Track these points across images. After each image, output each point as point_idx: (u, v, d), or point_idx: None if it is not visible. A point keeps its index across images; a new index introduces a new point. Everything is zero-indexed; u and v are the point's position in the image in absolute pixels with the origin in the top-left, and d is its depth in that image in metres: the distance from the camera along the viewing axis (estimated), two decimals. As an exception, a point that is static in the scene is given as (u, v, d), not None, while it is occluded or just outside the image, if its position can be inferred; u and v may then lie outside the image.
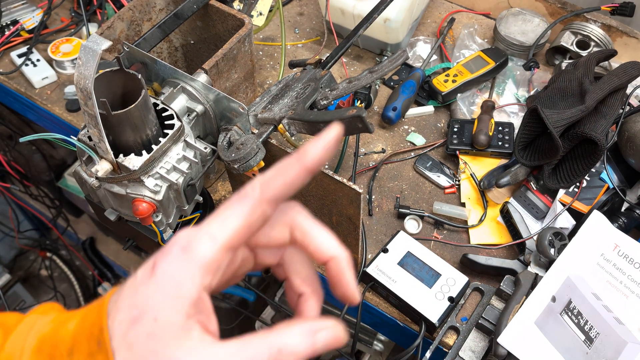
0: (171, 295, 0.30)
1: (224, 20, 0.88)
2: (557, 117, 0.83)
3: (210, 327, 0.32)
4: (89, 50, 0.56)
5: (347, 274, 0.35)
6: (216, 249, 0.31)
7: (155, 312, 0.30)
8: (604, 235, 0.80)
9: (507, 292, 0.77)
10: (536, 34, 1.09)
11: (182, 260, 0.31)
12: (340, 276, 0.35)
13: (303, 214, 0.36)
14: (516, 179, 0.89)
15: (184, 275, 0.30)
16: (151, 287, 0.31)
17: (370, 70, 0.81)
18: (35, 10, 1.21)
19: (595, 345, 0.70)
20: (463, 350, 0.76)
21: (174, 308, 0.30)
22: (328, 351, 0.35)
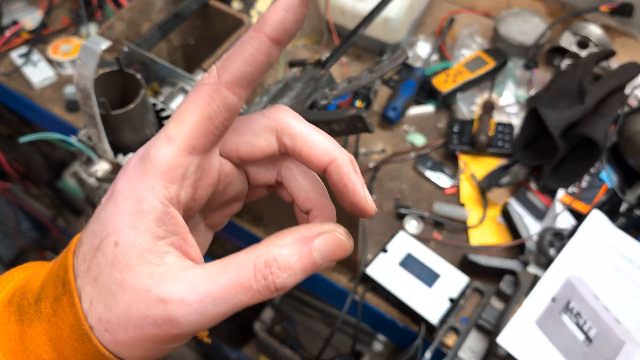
0: (130, 212, 0.26)
1: (223, 19, 0.88)
2: (557, 117, 0.83)
3: (189, 250, 0.27)
4: (88, 51, 0.56)
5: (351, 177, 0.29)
6: (175, 151, 0.26)
7: (115, 235, 0.26)
8: (603, 235, 0.80)
9: (507, 293, 0.77)
10: (536, 34, 1.09)
11: (140, 171, 0.26)
12: (345, 181, 0.29)
13: (291, 116, 0.29)
14: (516, 179, 0.89)
15: (143, 187, 0.26)
16: (110, 208, 0.26)
17: (370, 70, 0.81)
18: (36, 11, 1.21)
19: (594, 345, 0.70)
20: (463, 350, 0.76)
21: (136, 227, 0.26)
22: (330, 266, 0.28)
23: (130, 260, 0.26)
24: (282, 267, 0.25)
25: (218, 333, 1.73)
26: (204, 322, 0.26)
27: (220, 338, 1.77)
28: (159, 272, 0.26)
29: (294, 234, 0.26)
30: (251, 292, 0.26)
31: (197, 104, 0.26)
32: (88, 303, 0.26)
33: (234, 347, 1.77)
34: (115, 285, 0.26)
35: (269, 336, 1.53)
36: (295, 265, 0.26)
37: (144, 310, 0.25)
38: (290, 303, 1.45)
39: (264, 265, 0.25)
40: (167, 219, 0.26)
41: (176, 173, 0.26)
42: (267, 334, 1.53)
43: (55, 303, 0.27)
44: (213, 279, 0.25)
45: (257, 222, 0.94)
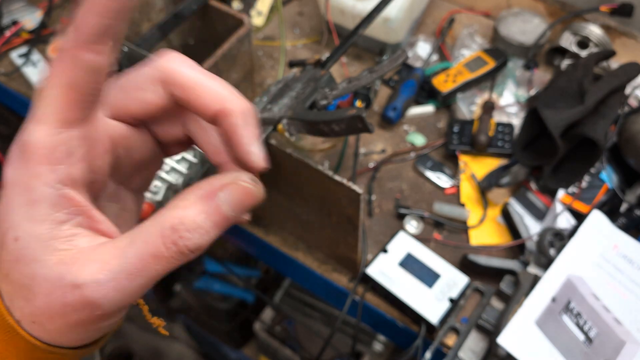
0: (23, 204, 0.24)
1: (223, 20, 0.88)
2: (557, 117, 0.83)
3: (99, 227, 0.26)
4: (88, 51, 0.56)
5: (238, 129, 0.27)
6: (47, 131, 0.24)
7: (13, 231, 0.24)
8: (603, 235, 0.80)
9: (507, 293, 0.77)
10: (536, 34, 1.09)
11: (21, 160, 0.25)
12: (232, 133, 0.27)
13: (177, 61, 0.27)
14: (516, 179, 0.89)
15: (29, 176, 0.24)
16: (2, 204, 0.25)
17: (370, 70, 0.81)
18: (36, 11, 1.21)
19: (594, 345, 0.70)
20: (463, 350, 0.76)
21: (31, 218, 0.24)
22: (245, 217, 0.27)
23: (35, 252, 0.24)
24: (191, 228, 0.24)
25: (218, 333, 1.73)
26: (125, 298, 0.25)
27: (220, 338, 1.77)
28: (69, 257, 0.24)
29: (196, 191, 0.25)
30: (165, 261, 0.24)
31: (57, 75, 0.24)
32: (9, 300, 0.25)
33: (234, 347, 1.77)
34: (27, 279, 0.25)
35: (269, 336, 1.53)
36: (205, 224, 0.25)
37: (61, 298, 0.24)
38: (290, 303, 1.45)
39: (171, 231, 0.24)
40: (64, 202, 0.25)
41: (58, 153, 0.25)
42: (267, 334, 1.53)
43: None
44: (123, 254, 0.24)
45: (257, 222, 0.94)
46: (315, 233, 0.84)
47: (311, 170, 0.70)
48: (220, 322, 1.66)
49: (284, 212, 0.86)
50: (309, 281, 0.93)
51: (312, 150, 1.00)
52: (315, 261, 0.89)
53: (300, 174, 0.73)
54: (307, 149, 1.00)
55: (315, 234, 0.85)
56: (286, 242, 0.92)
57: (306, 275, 0.91)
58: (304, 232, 0.87)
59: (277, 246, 0.91)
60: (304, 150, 1.00)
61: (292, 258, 0.90)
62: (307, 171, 0.71)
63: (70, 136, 0.25)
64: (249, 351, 1.78)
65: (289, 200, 0.81)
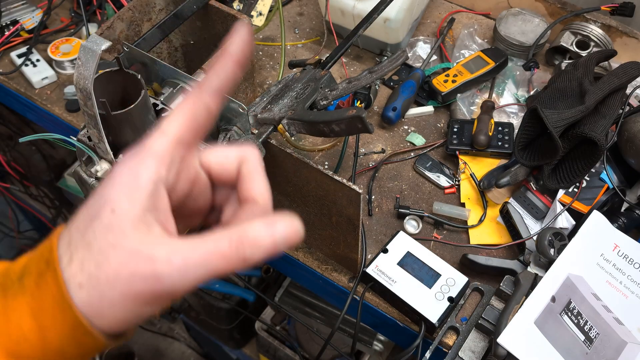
0: (128, 185, 0.31)
1: (224, 20, 0.88)
2: (557, 117, 0.83)
3: (169, 227, 0.32)
4: (88, 51, 0.56)
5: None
6: (168, 140, 0.33)
7: (112, 204, 0.30)
8: (603, 236, 0.80)
9: (507, 292, 0.77)
10: (536, 34, 1.09)
11: (138, 155, 0.32)
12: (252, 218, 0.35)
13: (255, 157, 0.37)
14: (516, 179, 0.89)
15: (140, 166, 0.31)
16: (109, 184, 0.31)
17: (370, 71, 0.81)
18: (35, 11, 1.21)
19: (595, 345, 0.70)
20: (463, 350, 0.76)
21: (131, 198, 0.30)
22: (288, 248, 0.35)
23: (124, 225, 0.30)
24: (251, 243, 0.31)
25: (218, 333, 1.73)
26: (183, 283, 0.30)
27: (220, 338, 1.77)
28: (147, 239, 0.30)
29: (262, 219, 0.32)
30: (226, 260, 0.30)
31: (184, 107, 0.34)
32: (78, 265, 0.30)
33: (234, 346, 1.77)
34: (109, 247, 0.30)
35: (269, 336, 1.53)
36: (261, 243, 0.31)
37: (133, 267, 0.29)
38: (290, 303, 1.45)
39: (237, 239, 0.31)
40: (156, 196, 0.31)
41: (166, 158, 0.32)
42: (267, 334, 1.53)
43: (39, 278, 0.31)
44: (194, 248, 0.30)
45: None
46: (316, 233, 0.84)
47: (311, 170, 0.70)
48: (220, 322, 1.66)
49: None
50: (309, 281, 0.93)
51: (312, 150, 1.00)
52: (316, 261, 0.89)
53: (300, 174, 0.73)
54: (307, 149, 1.00)
55: (315, 234, 0.85)
56: (286, 242, 0.91)
57: (306, 275, 0.91)
58: (304, 232, 0.87)
59: (277, 246, 0.91)
60: (304, 150, 1.00)
61: (292, 258, 0.91)
62: (307, 171, 0.71)
63: (177, 152, 0.33)
64: (249, 351, 1.78)
65: (289, 201, 0.81)
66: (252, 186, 0.36)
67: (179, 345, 2.07)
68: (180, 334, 2.07)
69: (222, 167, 0.37)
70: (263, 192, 0.37)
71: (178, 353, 2.06)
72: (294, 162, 0.71)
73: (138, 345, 2.05)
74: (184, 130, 0.33)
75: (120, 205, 0.30)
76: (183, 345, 2.07)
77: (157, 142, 0.32)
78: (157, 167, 0.32)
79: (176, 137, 0.33)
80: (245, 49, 0.35)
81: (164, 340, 2.07)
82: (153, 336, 2.08)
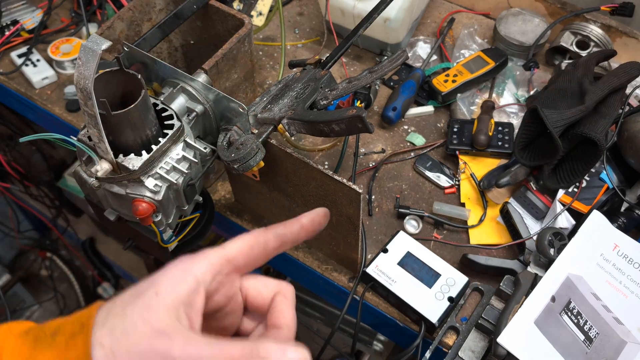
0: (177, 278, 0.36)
1: (224, 20, 0.88)
2: (557, 117, 0.83)
3: (195, 324, 0.36)
4: (88, 51, 0.56)
5: None
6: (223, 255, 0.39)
7: (158, 288, 0.35)
8: (603, 235, 0.80)
9: (507, 292, 0.77)
10: (536, 34, 1.09)
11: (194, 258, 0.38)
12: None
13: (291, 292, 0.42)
14: (516, 179, 0.89)
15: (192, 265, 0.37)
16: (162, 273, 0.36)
17: (370, 70, 0.81)
18: (35, 11, 1.21)
19: (594, 345, 0.70)
20: (463, 350, 0.76)
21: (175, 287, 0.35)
22: None
23: (160, 308, 0.34)
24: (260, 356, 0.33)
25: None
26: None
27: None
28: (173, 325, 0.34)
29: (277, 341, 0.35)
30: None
31: (248, 236, 0.40)
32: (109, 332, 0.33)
33: (234, 347, 1.77)
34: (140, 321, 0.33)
35: (269, 336, 1.52)
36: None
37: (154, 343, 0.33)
38: (290, 303, 1.45)
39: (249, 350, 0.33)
40: (195, 294, 0.36)
41: (216, 268, 0.38)
42: (267, 334, 1.53)
43: (70, 338, 0.34)
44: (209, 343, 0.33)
45: (258, 221, 0.94)
46: (316, 233, 0.84)
47: (311, 170, 0.70)
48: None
49: (284, 212, 0.86)
50: (309, 280, 0.93)
51: (312, 150, 1.00)
52: (316, 261, 0.89)
53: (300, 174, 0.73)
54: (307, 149, 1.00)
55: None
56: (286, 241, 0.92)
57: (306, 275, 0.91)
58: None
59: (277, 246, 0.91)
60: (304, 150, 1.00)
61: (292, 257, 0.91)
62: (307, 171, 0.71)
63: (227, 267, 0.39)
64: (249, 351, 1.77)
65: (289, 200, 0.81)
66: (282, 315, 0.41)
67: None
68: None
69: (259, 294, 0.42)
70: (289, 323, 0.41)
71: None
72: (294, 162, 0.71)
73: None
74: (240, 254, 0.39)
75: (164, 290, 0.35)
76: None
77: (214, 254, 0.38)
78: (206, 271, 0.37)
79: (231, 256, 0.39)
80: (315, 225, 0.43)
81: (164, 340, 2.07)
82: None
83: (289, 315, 0.41)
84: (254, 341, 0.34)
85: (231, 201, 0.96)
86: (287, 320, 0.41)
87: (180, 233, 0.79)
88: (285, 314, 0.41)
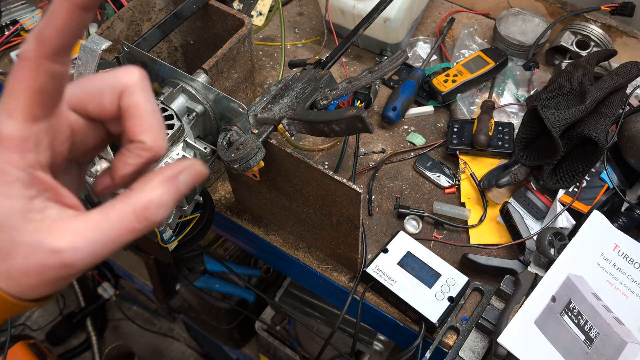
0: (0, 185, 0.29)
1: (224, 20, 0.88)
2: (557, 117, 0.83)
3: (66, 201, 0.31)
4: (88, 50, 0.56)
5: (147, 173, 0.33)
6: (19, 125, 0.29)
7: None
8: (604, 235, 0.80)
9: (507, 292, 0.77)
10: (536, 34, 1.09)
11: None
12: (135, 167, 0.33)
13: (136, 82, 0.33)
14: (516, 179, 0.89)
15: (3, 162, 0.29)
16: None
17: (370, 70, 0.81)
18: (35, 10, 1.21)
19: (595, 345, 0.70)
20: (463, 350, 0.76)
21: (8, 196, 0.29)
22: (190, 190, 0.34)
23: (13, 221, 0.29)
24: (159, 206, 0.30)
25: (218, 333, 1.73)
26: (97, 260, 0.30)
27: (220, 338, 1.77)
28: (45, 227, 0.29)
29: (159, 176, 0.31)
30: (136, 232, 0.30)
31: (25, 79, 0.29)
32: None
33: (234, 346, 1.77)
34: (7, 244, 0.29)
35: (269, 336, 1.53)
36: (168, 200, 0.31)
37: (41, 260, 0.29)
38: (290, 303, 1.45)
39: (143, 209, 0.30)
40: (34, 182, 0.30)
41: (28, 144, 0.29)
42: (267, 334, 1.53)
43: None
44: (99, 227, 0.30)
45: (258, 221, 0.94)
46: (316, 233, 0.84)
47: (311, 170, 0.70)
48: (220, 322, 1.66)
49: (284, 212, 0.86)
50: (309, 280, 0.93)
51: (312, 150, 1.00)
52: (316, 261, 0.89)
53: (300, 174, 0.73)
54: (307, 149, 1.00)
55: (315, 234, 0.85)
56: (286, 241, 0.92)
57: (306, 275, 0.91)
58: (304, 232, 0.87)
59: (277, 246, 0.91)
60: (304, 150, 1.00)
61: (292, 257, 0.91)
62: (307, 171, 0.71)
63: (38, 129, 0.30)
64: (249, 351, 1.78)
65: (289, 200, 0.81)
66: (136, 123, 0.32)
67: (179, 345, 2.07)
68: (180, 334, 2.07)
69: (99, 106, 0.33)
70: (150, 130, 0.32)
71: (178, 353, 2.06)
72: (294, 162, 0.71)
73: (138, 345, 2.06)
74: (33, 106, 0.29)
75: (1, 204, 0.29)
76: (183, 345, 2.07)
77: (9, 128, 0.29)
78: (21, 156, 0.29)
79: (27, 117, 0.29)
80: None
81: (164, 340, 2.07)
82: (153, 336, 2.08)
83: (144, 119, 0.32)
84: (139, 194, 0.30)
85: (231, 201, 0.96)
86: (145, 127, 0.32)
87: (180, 233, 0.79)
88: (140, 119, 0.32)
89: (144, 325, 2.09)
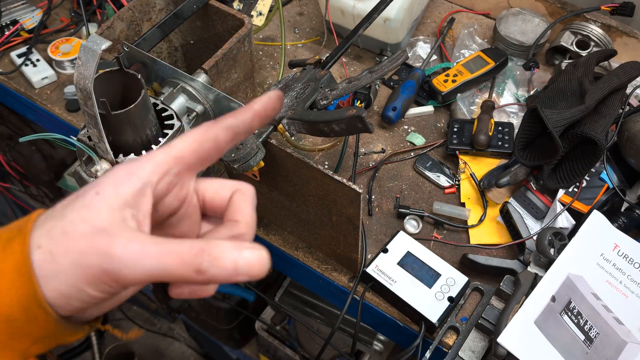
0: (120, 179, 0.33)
1: (224, 20, 0.88)
2: (557, 117, 0.83)
3: (143, 228, 0.33)
4: (88, 50, 0.56)
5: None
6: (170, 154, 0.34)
7: (98, 188, 0.32)
8: (603, 235, 0.80)
9: (507, 292, 0.77)
10: (536, 34, 1.09)
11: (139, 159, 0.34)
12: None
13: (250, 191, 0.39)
14: (516, 179, 0.89)
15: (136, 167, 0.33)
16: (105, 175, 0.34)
17: (370, 70, 0.81)
18: (35, 10, 1.21)
19: (595, 345, 0.70)
20: (463, 350, 0.76)
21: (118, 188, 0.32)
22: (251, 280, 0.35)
23: (102, 207, 0.31)
24: (212, 257, 0.30)
25: (218, 333, 1.73)
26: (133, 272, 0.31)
27: (220, 338, 1.77)
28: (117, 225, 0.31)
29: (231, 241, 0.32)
30: (181, 264, 0.30)
31: (195, 132, 0.35)
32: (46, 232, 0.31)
33: (234, 346, 1.77)
34: (80, 220, 0.31)
35: (269, 336, 1.53)
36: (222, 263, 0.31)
37: (92, 241, 0.30)
38: (290, 303, 1.45)
39: (199, 248, 0.31)
40: (141, 195, 0.33)
41: (163, 168, 0.34)
42: (267, 334, 1.53)
43: (7, 242, 0.32)
44: (155, 242, 0.31)
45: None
46: (316, 232, 0.84)
47: (311, 170, 0.70)
48: (220, 322, 1.66)
49: (284, 212, 0.86)
50: (309, 280, 0.93)
51: (312, 150, 1.00)
52: (316, 261, 0.89)
53: (300, 174, 0.73)
54: (307, 149, 1.00)
55: (315, 234, 0.85)
56: (286, 241, 0.92)
57: (306, 275, 0.91)
58: (304, 232, 0.87)
59: (277, 246, 0.91)
60: (304, 150, 1.00)
61: (292, 257, 0.91)
62: (307, 171, 0.71)
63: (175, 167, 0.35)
64: (249, 351, 1.78)
65: (289, 200, 0.81)
66: (239, 211, 0.37)
67: (179, 345, 2.07)
68: (180, 334, 2.07)
69: (216, 195, 0.38)
70: (248, 219, 0.37)
71: (178, 353, 2.06)
72: (294, 162, 0.71)
73: (138, 345, 2.05)
74: (189, 151, 0.35)
75: (105, 190, 0.32)
76: (183, 345, 2.07)
77: (160, 153, 0.34)
78: (151, 171, 0.33)
79: (179, 154, 0.35)
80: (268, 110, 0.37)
81: (163, 340, 2.07)
82: (153, 336, 2.08)
83: (247, 211, 0.38)
84: (206, 239, 0.32)
85: (231, 201, 0.96)
86: (245, 216, 0.37)
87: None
88: (244, 210, 0.37)
89: (144, 325, 2.09)
